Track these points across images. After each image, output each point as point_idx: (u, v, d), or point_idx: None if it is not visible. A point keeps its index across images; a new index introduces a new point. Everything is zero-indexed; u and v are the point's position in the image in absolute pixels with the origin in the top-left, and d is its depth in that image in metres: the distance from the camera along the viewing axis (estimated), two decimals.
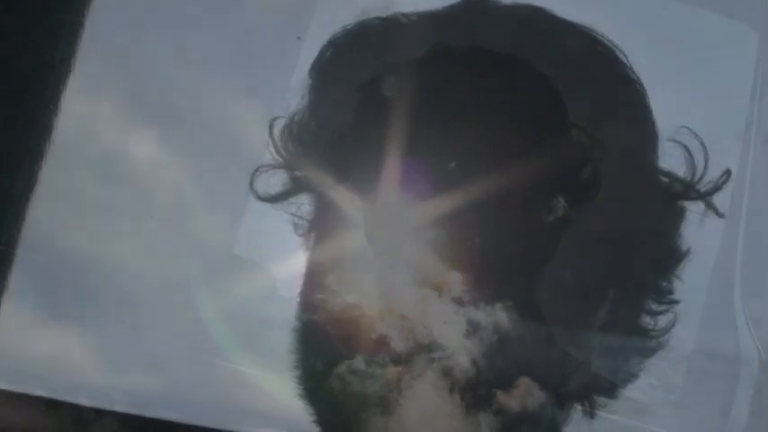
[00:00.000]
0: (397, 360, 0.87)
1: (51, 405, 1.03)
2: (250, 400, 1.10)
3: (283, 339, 1.04)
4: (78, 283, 1.13)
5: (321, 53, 1.02)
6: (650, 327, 0.96)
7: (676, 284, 0.97)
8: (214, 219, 1.17)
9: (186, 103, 1.19)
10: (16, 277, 1.03)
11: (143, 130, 1.18)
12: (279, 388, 1.04)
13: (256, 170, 0.99)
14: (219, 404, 1.10)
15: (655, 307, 0.96)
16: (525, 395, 0.85)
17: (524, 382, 0.85)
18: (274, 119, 1.00)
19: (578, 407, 0.93)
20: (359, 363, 0.89)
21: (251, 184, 0.99)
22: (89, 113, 1.14)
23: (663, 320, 0.96)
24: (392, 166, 0.88)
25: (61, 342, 1.11)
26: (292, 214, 0.98)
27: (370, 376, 0.88)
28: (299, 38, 1.17)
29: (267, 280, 1.08)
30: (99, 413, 1.02)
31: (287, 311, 1.01)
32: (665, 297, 0.96)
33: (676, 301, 0.97)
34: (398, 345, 0.87)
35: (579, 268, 0.90)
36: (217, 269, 1.13)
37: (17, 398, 1.02)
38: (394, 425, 0.86)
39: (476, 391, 0.86)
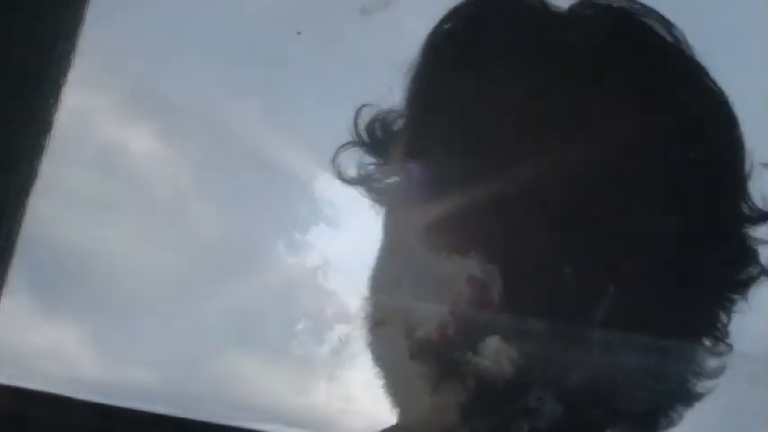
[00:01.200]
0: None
1: (50, 399, 1.03)
2: (249, 395, 1.10)
3: (280, 333, 1.04)
4: (77, 279, 1.13)
5: (437, 27, 0.89)
6: (699, 370, 0.87)
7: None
8: (213, 213, 1.17)
9: (186, 99, 1.19)
10: (15, 273, 1.03)
11: (142, 125, 1.18)
12: (277, 382, 1.04)
13: (338, 150, 0.93)
14: (218, 399, 1.10)
15: (710, 346, 0.88)
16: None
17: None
18: (363, 106, 0.93)
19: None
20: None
21: (333, 162, 0.93)
22: (88, 109, 1.14)
23: (712, 364, 0.88)
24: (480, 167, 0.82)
25: (60, 337, 1.11)
26: (370, 197, 0.93)
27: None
28: (299, 33, 1.18)
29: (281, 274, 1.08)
30: (97, 407, 1.03)
31: (282, 305, 1.01)
32: (723, 335, 0.88)
33: (730, 346, 0.88)
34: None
35: (642, 286, 0.83)
36: (215, 263, 1.13)
37: (16, 392, 1.02)
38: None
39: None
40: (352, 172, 0.92)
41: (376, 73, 1.21)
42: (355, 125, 0.92)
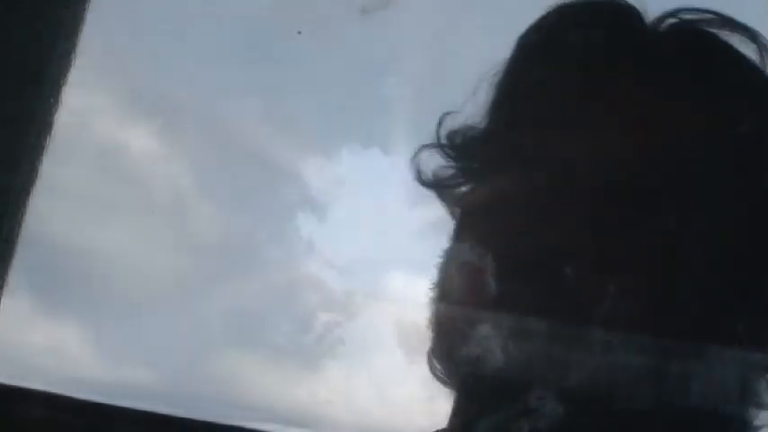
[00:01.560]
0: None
1: (50, 399, 1.03)
2: (248, 394, 1.10)
3: (278, 332, 1.04)
4: (77, 279, 1.13)
5: (530, 32, 0.88)
6: (759, 401, 0.82)
7: None
8: (213, 213, 1.17)
9: (186, 99, 1.19)
10: (15, 273, 1.03)
11: (142, 125, 1.19)
12: (277, 381, 1.04)
13: (418, 150, 0.92)
14: (218, 399, 1.10)
15: None
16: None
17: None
18: (446, 113, 0.91)
19: None
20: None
21: (412, 161, 0.91)
22: (88, 109, 1.15)
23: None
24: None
25: (60, 336, 1.11)
26: (445, 203, 0.92)
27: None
28: (299, 33, 1.18)
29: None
30: (97, 407, 1.03)
31: (281, 305, 1.01)
32: None
33: None
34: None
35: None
36: (214, 263, 1.13)
37: (16, 392, 1.02)
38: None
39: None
40: (430, 175, 0.91)
41: (375, 73, 1.22)
42: (438, 131, 0.91)
